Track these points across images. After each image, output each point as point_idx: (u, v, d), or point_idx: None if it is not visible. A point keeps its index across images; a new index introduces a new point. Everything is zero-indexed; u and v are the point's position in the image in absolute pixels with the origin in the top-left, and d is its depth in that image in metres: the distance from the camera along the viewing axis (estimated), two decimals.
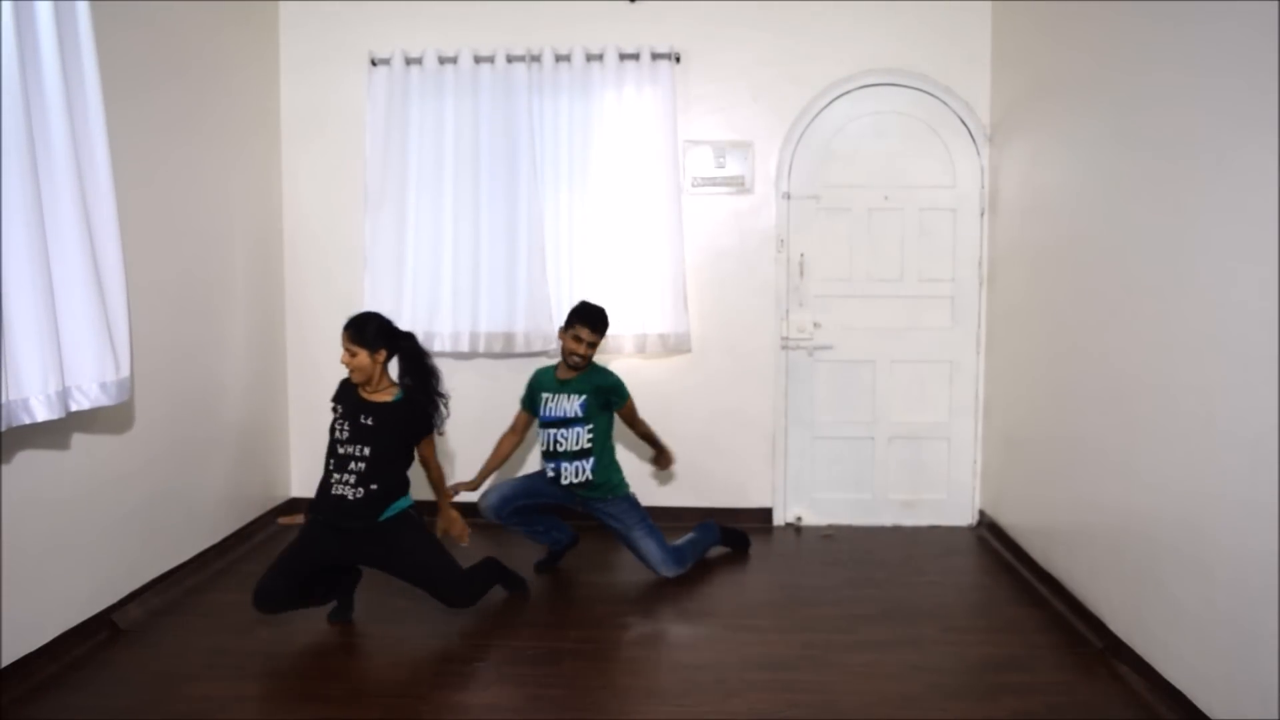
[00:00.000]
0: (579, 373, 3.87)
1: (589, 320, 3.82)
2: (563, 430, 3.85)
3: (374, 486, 3.25)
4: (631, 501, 3.93)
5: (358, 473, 3.24)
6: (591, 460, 3.84)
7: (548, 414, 3.89)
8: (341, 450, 3.29)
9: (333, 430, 3.34)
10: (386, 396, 3.35)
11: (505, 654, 3.20)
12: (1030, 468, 4.01)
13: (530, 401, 4.01)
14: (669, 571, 3.88)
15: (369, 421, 3.29)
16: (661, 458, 4.15)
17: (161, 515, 3.71)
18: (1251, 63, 2.42)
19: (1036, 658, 3.17)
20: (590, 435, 3.84)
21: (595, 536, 4.35)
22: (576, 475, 3.84)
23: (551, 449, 3.87)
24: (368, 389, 3.35)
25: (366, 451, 3.25)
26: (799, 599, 3.71)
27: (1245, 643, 2.44)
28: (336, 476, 3.27)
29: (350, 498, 3.24)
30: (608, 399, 3.87)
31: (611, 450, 3.95)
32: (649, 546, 3.87)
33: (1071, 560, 3.54)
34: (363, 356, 3.29)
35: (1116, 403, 3.16)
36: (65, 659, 3.09)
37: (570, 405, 3.84)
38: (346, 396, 3.39)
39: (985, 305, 4.60)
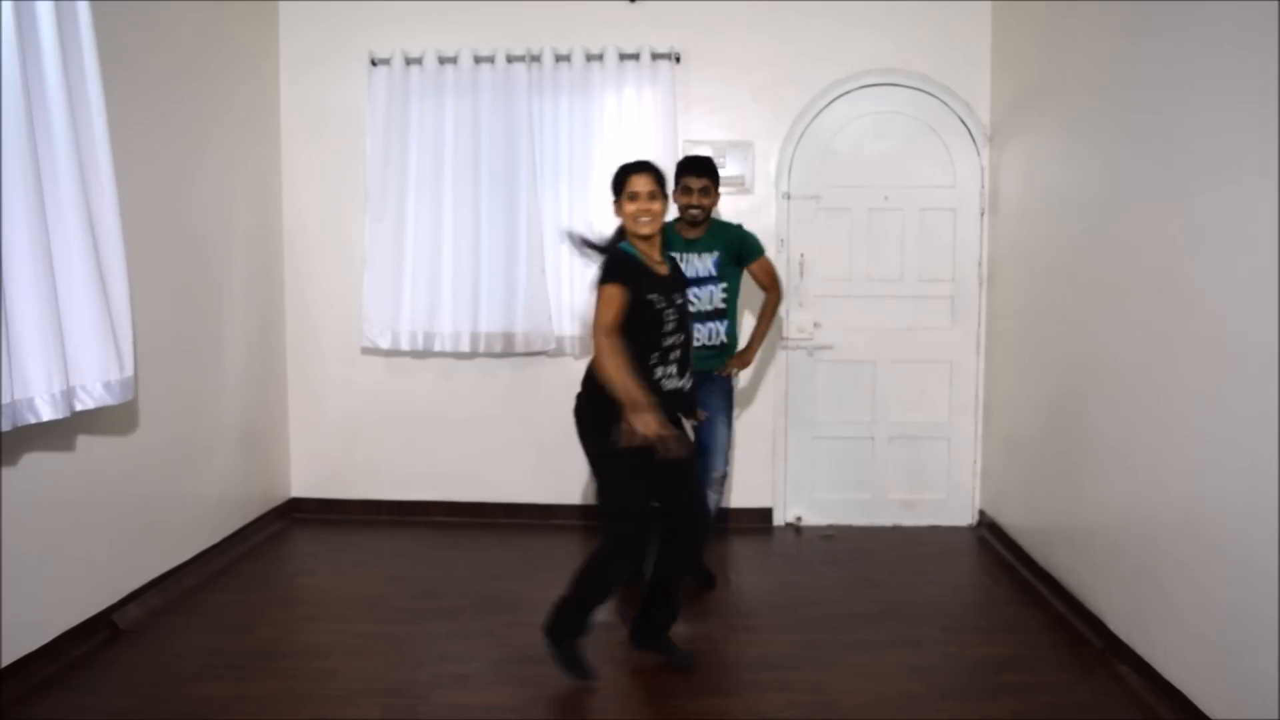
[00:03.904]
0: (704, 229, 3.71)
1: (692, 167, 3.65)
2: (696, 289, 3.63)
3: (690, 373, 3.01)
4: (734, 385, 3.91)
5: (679, 361, 2.94)
6: (726, 322, 3.74)
7: (686, 272, 3.62)
8: (667, 341, 2.89)
9: (660, 321, 2.86)
10: (665, 267, 3.01)
11: (505, 654, 3.20)
12: (1030, 468, 4.01)
13: None
14: (722, 466, 3.82)
15: (681, 301, 2.97)
16: (744, 353, 3.86)
17: (161, 515, 3.70)
18: (1251, 62, 2.42)
19: (1036, 658, 3.17)
20: (725, 294, 3.72)
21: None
22: (710, 338, 3.70)
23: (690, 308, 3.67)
24: (655, 258, 2.96)
25: (682, 338, 2.95)
26: (799, 599, 3.71)
27: (1245, 643, 2.44)
28: (663, 370, 2.89)
29: (685, 390, 2.98)
30: (739, 250, 3.74)
31: (736, 317, 3.84)
32: (722, 438, 3.76)
33: (1071, 560, 3.54)
34: (662, 204, 2.90)
35: (1116, 403, 3.16)
36: (65, 659, 3.09)
37: (703, 264, 3.69)
38: (651, 279, 2.89)
39: (985, 305, 4.60)
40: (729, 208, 4.61)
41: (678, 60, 4.55)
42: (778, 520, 4.70)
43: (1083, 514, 3.44)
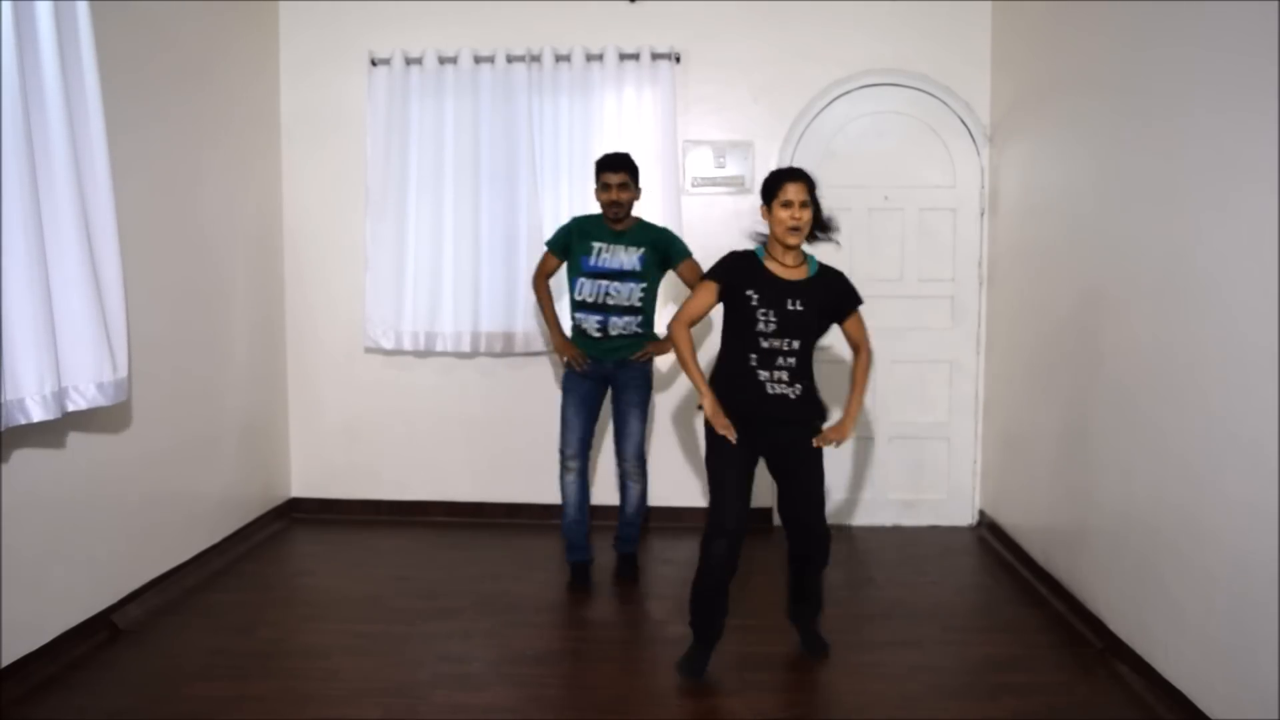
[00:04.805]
0: (629, 224, 3.77)
1: (610, 164, 3.70)
2: (616, 284, 3.73)
3: (808, 382, 2.96)
4: (650, 375, 3.88)
5: (789, 368, 2.91)
6: (640, 317, 3.78)
7: (599, 264, 3.74)
8: (765, 344, 2.89)
9: (753, 320, 2.90)
10: (804, 271, 2.97)
11: (505, 654, 3.20)
12: (1030, 468, 4.01)
13: (562, 246, 3.83)
14: (631, 461, 3.84)
15: (798, 307, 2.90)
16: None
17: (161, 515, 3.71)
18: (1251, 62, 2.42)
19: (1036, 658, 3.17)
20: (643, 293, 3.77)
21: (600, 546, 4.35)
22: (625, 329, 3.75)
23: (600, 300, 3.74)
24: (787, 262, 2.95)
25: (796, 345, 2.90)
26: None
27: (1245, 643, 2.44)
28: (766, 374, 2.90)
29: (790, 399, 2.93)
30: (666, 252, 3.78)
31: (654, 312, 3.87)
32: (636, 430, 3.83)
33: (1071, 560, 3.54)
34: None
35: (1116, 403, 3.16)
36: (65, 659, 3.09)
37: (628, 257, 3.75)
38: (762, 278, 2.92)
39: (985, 305, 4.60)
40: (727, 209, 4.62)
41: (678, 60, 4.55)
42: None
43: (1083, 514, 3.44)
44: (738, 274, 2.95)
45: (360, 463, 4.83)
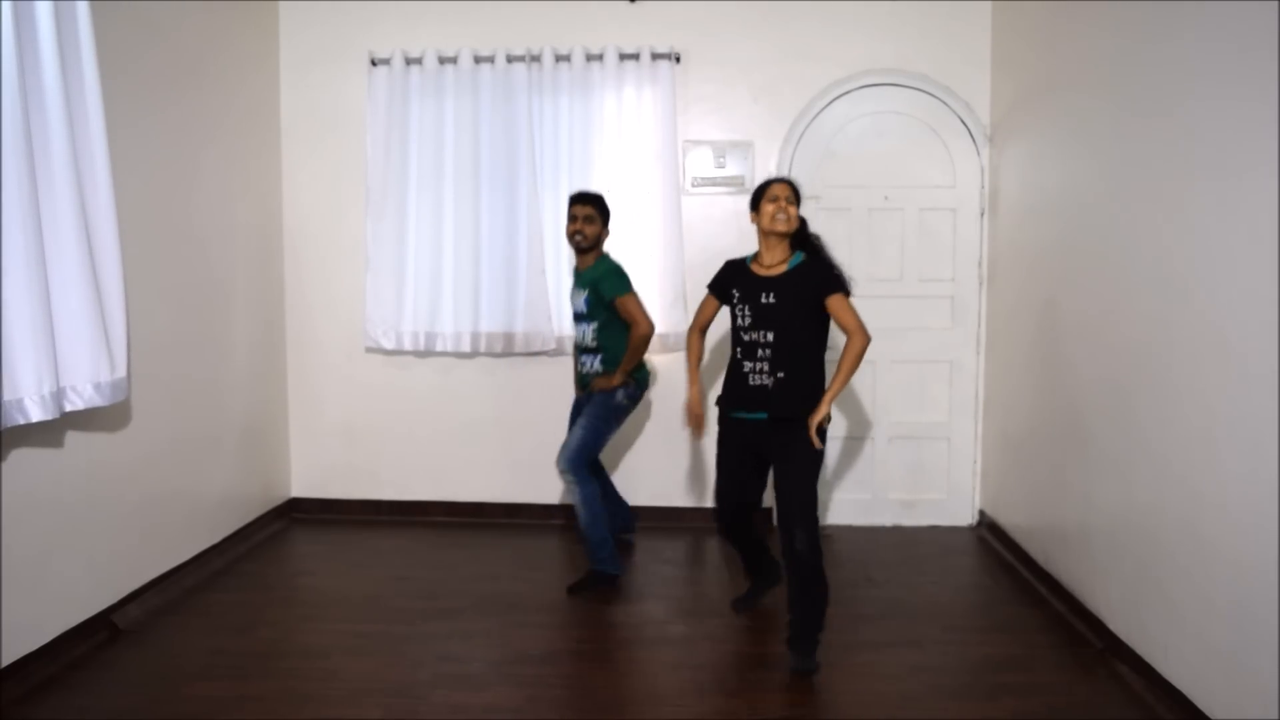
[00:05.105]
0: (589, 261, 3.86)
1: (578, 199, 3.84)
2: (578, 325, 3.92)
3: (790, 372, 3.07)
4: (613, 402, 3.78)
5: (767, 359, 3.08)
6: (601, 355, 3.82)
7: (572, 307, 4.00)
8: (746, 337, 3.13)
9: (735, 316, 3.17)
10: (782, 267, 3.14)
11: (505, 654, 3.20)
12: (1030, 468, 4.01)
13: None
14: (560, 464, 3.74)
15: (770, 300, 3.09)
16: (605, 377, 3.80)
17: (161, 515, 3.71)
18: (1251, 62, 2.42)
19: (1036, 658, 3.17)
20: (595, 333, 3.82)
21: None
22: (590, 368, 3.87)
23: (575, 341, 3.99)
24: (771, 259, 3.15)
25: (771, 336, 3.08)
26: None
27: (1245, 643, 2.44)
28: (749, 365, 3.12)
29: (768, 388, 3.08)
30: (598, 289, 3.76)
31: (623, 350, 3.80)
32: (575, 436, 3.74)
33: (1071, 560, 3.54)
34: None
35: (1116, 402, 3.16)
36: (65, 659, 3.09)
37: (579, 299, 3.88)
38: (746, 278, 3.18)
39: (985, 305, 4.60)
40: (727, 209, 4.62)
41: (678, 60, 4.55)
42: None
43: (1083, 514, 3.44)
44: (726, 278, 3.28)
45: (360, 463, 4.83)
